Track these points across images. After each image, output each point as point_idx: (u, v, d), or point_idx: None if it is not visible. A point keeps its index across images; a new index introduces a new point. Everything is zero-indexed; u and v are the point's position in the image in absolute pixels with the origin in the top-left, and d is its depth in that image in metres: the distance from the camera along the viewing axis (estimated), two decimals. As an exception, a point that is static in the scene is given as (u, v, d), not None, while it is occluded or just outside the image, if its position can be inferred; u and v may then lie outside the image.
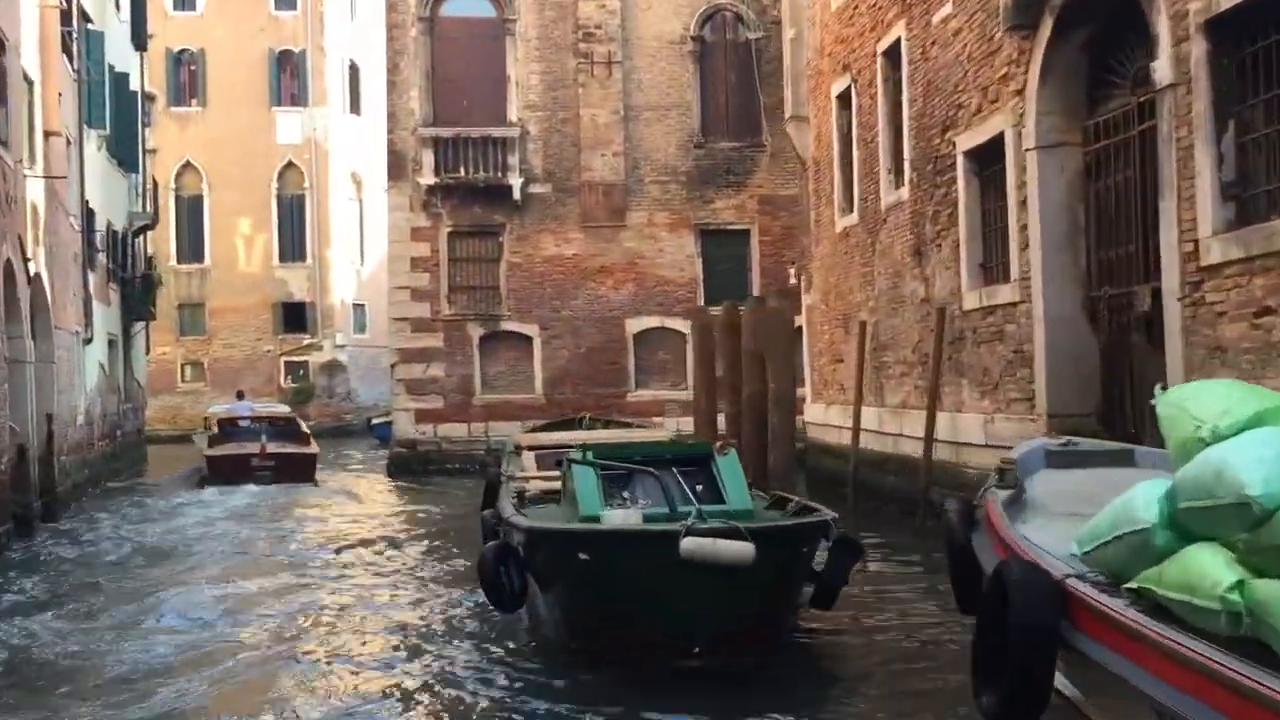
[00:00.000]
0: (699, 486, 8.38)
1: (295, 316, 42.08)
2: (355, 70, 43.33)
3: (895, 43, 14.82)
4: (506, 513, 8.90)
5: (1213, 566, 3.81)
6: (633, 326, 25.46)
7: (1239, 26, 8.08)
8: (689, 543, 6.88)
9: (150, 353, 34.90)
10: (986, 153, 12.20)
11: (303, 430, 25.37)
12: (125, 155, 27.91)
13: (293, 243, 42.26)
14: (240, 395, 31.16)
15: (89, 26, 23.13)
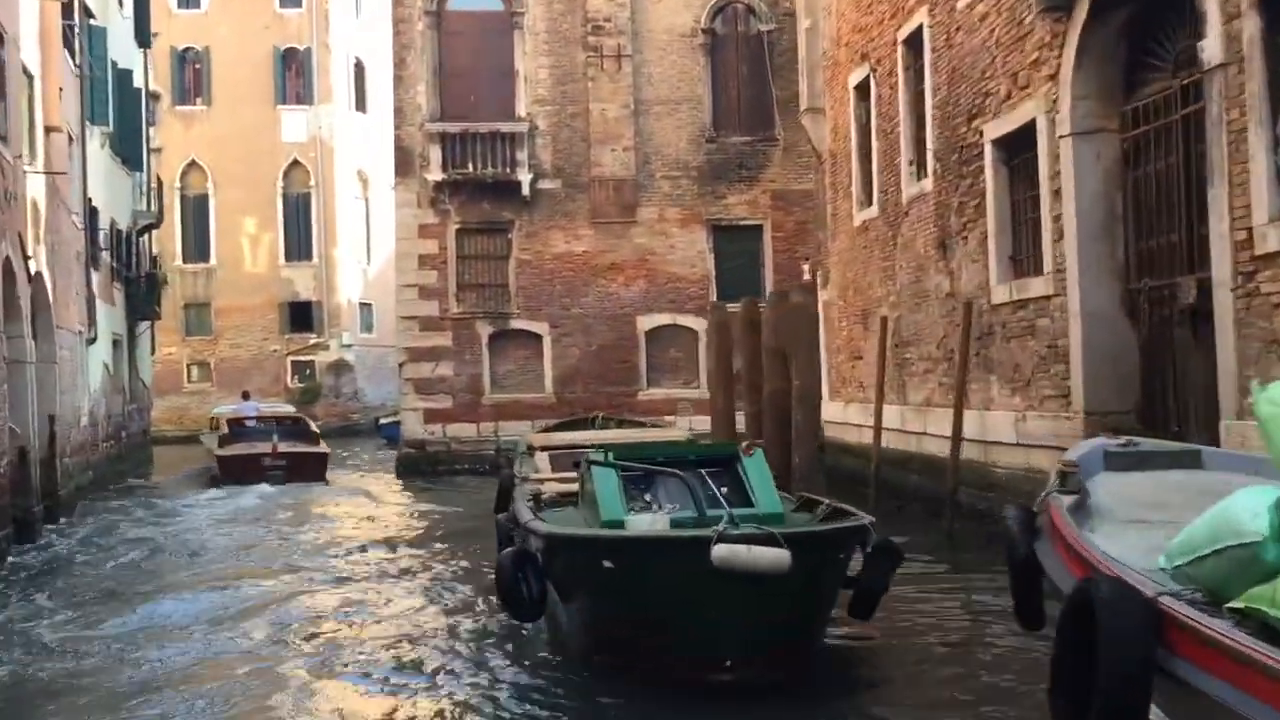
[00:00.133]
0: (725, 489, 8.00)
1: (302, 316, 41.78)
2: (361, 67, 43.02)
3: (917, 30, 14.44)
4: (523, 517, 8.52)
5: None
6: (644, 324, 25.05)
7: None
8: (721, 549, 6.42)
9: (156, 353, 34.70)
10: (1016, 141, 11.81)
11: (312, 430, 25.31)
12: (129, 153, 27.62)
13: (299, 242, 41.97)
14: (245, 396, 30.90)
15: (91, 21, 22.82)
